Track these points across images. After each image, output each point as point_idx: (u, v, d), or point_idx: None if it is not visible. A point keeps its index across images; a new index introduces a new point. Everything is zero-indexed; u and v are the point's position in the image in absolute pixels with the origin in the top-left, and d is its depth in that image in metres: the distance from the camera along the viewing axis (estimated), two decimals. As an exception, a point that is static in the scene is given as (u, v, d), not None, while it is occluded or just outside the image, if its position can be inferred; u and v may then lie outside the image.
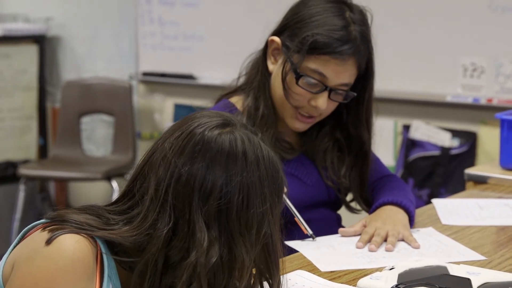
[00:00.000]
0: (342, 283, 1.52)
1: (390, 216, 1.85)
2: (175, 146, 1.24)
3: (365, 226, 1.83)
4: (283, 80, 1.86)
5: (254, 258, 1.23)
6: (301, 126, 1.92)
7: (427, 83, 3.67)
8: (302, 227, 1.83)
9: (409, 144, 3.73)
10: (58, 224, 1.23)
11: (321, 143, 1.98)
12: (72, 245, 1.19)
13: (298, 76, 1.84)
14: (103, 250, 1.23)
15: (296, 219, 1.82)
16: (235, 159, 1.23)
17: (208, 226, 1.20)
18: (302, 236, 1.82)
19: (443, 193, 3.56)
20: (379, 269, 1.57)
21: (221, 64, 4.26)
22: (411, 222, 1.88)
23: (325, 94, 1.85)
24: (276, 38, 1.89)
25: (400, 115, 3.79)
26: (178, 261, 1.21)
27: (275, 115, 1.92)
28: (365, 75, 1.90)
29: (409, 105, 3.76)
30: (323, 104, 1.85)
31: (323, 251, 1.73)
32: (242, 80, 1.98)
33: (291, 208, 1.82)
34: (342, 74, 1.84)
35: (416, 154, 3.70)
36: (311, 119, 1.90)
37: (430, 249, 1.75)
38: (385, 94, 3.62)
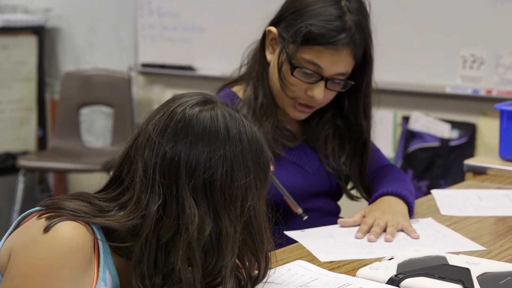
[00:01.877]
0: (341, 273, 1.52)
1: (390, 206, 1.85)
2: (158, 127, 1.26)
3: (364, 216, 1.83)
4: (279, 70, 1.86)
5: (240, 232, 1.25)
6: (300, 115, 1.92)
7: (426, 75, 3.67)
8: (292, 205, 1.83)
9: (409, 136, 3.73)
10: (54, 212, 1.23)
11: (322, 130, 1.98)
12: (70, 232, 1.20)
13: (293, 67, 1.84)
14: (99, 236, 1.24)
15: (285, 197, 1.83)
16: (217, 134, 1.25)
17: (196, 201, 1.22)
18: (301, 227, 1.83)
19: (442, 185, 3.56)
20: (379, 259, 1.58)
21: (220, 56, 4.26)
22: (411, 213, 1.88)
23: (321, 84, 1.85)
24: (273, 29, 1.89)
25: (400, 106, 3.79)
26: (170, 239, 1.22)
27: (274, 104, 1.92)
28: (363, 63, 1.89)
29: (409, 96, 3.76)
30: (320, 94, 1.85)
31: (323, 241, 1.73)
32: (243, 69, 1.99)
33: (279, 186, 1.82)
34: (337, 64, 1.83)
35: (415, 146, 3.70)
36: (309, 109, 1.91)
37: (429, 239, 1.75)
38: (385, 85, 3.61)
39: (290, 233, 1.78)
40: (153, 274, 1.23)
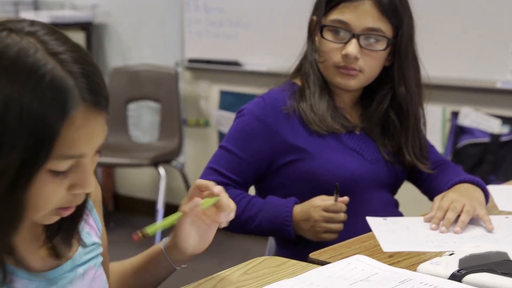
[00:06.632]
0: (401, 268, 1.51)
1: (468, 191, 1.85)
2: None
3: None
4: (313, 41, 1.96)
5: None
6: (346, 81, 1.94)
7: (476, 69, 3.63)
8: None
9: (458, 131, 3.70)
10: None
11: (377, 117, 2.00)
12: None
13: (321, 29, 1.92)
14: None
15: None
16: None
17: None
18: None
19: (493, 180, 3.53)
20: (439, 254, 1.56)
21: (267, 51, 4.26)
22: (486, 201, 1.89)
23: (353, 41, 1.90)
24: (313, 17, 1.99)
25: (449, 101, 3.76)
26: None
27: (328, 88, 1.97)
28: (400, 25, 1.92)
29: (458, 91, 3.72)
30: (353, 50, 1.89)
31: (396, 232, 1.74)
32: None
33: None
34: (362, 18, 1.89)
35: (465, 141, 3.67)
36: (354, 71, 1.92)
37: (507, 238, 1.71)
38: (434, 80, 3.53)
39: (370, 220, 1.81)
40: None
